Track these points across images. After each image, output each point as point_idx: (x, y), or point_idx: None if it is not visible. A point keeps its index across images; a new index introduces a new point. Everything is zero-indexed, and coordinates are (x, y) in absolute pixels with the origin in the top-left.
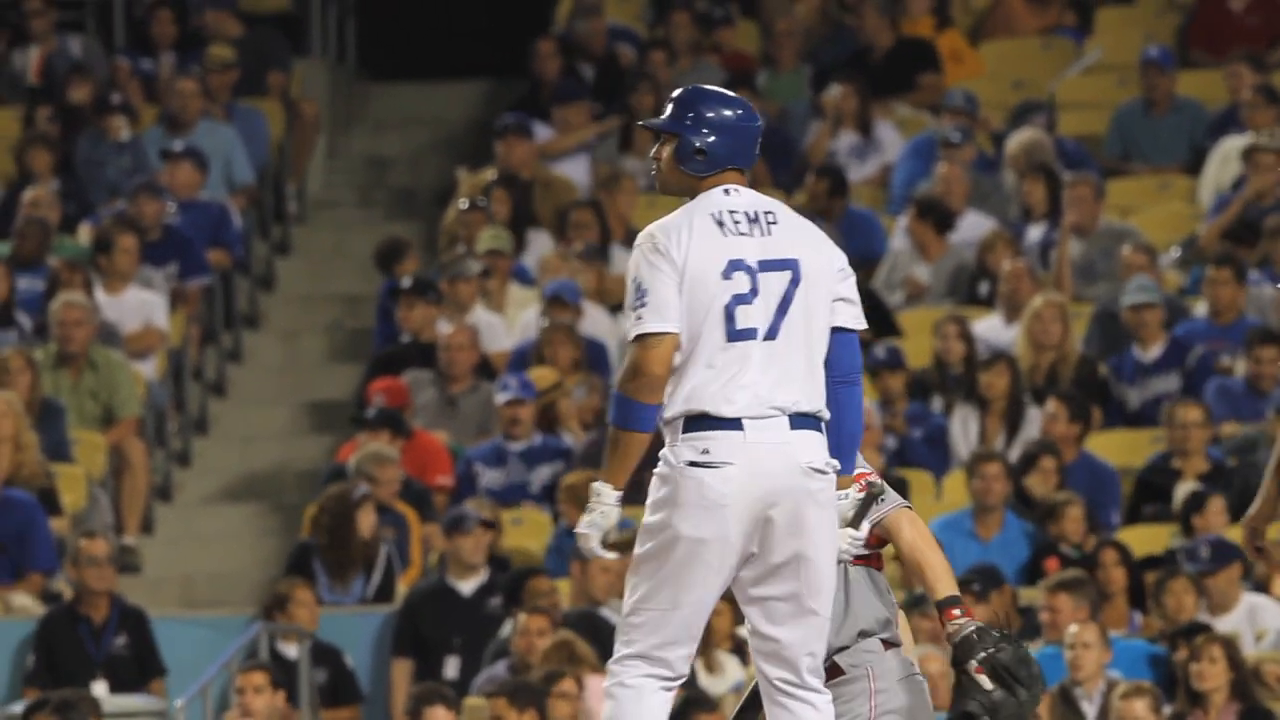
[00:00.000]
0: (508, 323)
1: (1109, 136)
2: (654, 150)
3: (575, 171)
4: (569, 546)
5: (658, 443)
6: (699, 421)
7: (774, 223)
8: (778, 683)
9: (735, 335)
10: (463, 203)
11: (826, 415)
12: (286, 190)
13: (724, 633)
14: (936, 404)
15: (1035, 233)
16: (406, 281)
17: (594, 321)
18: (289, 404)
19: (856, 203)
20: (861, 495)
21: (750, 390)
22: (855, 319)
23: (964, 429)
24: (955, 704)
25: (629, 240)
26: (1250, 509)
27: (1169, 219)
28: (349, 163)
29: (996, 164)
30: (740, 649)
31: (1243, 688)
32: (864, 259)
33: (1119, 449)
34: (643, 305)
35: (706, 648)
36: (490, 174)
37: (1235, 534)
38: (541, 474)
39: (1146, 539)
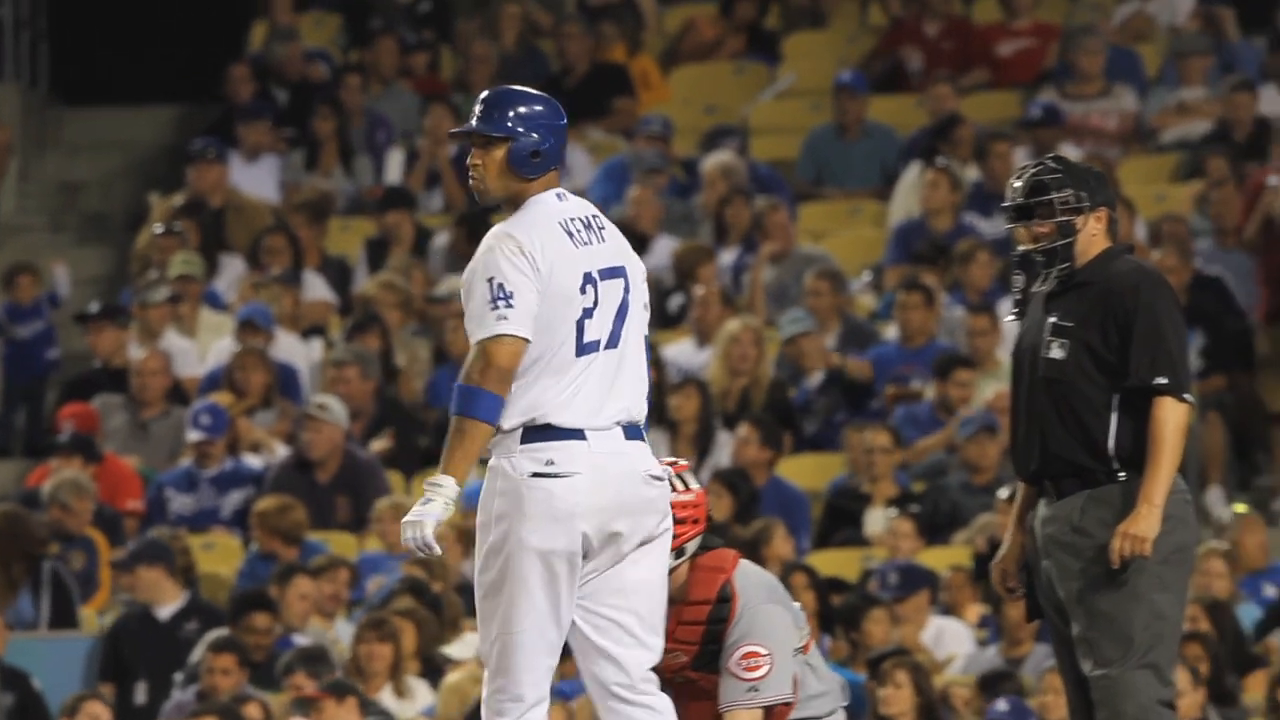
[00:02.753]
0: (200, 348)
1: (801, 161)
2: (472, 156)
3: (264, 190)
4: (264, 572)
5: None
6: (541, 432)
7: (603, 228)
8: (614, 688)
9: (582, 349)
10: (156, 227)
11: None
12: None
13: (410, 653)
14: None
15: (728, 257)
16: (94, 306)
17: (286, 347)
18: None
19: None
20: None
21: (591, 400)
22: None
23: (654, 453)
24: None
25: (323, 266)
26: (999, 551)
27: (860, 243)
28: (41, 187)
29: (689, 189)
30: (431, 672)
31: (930, 712)
32: None
33: (808, 473)
34: (509, 306)
35: (396, 672)
36: (181, 198)
37: (928, 558)
38: (233, 499)
39: (836, 563)
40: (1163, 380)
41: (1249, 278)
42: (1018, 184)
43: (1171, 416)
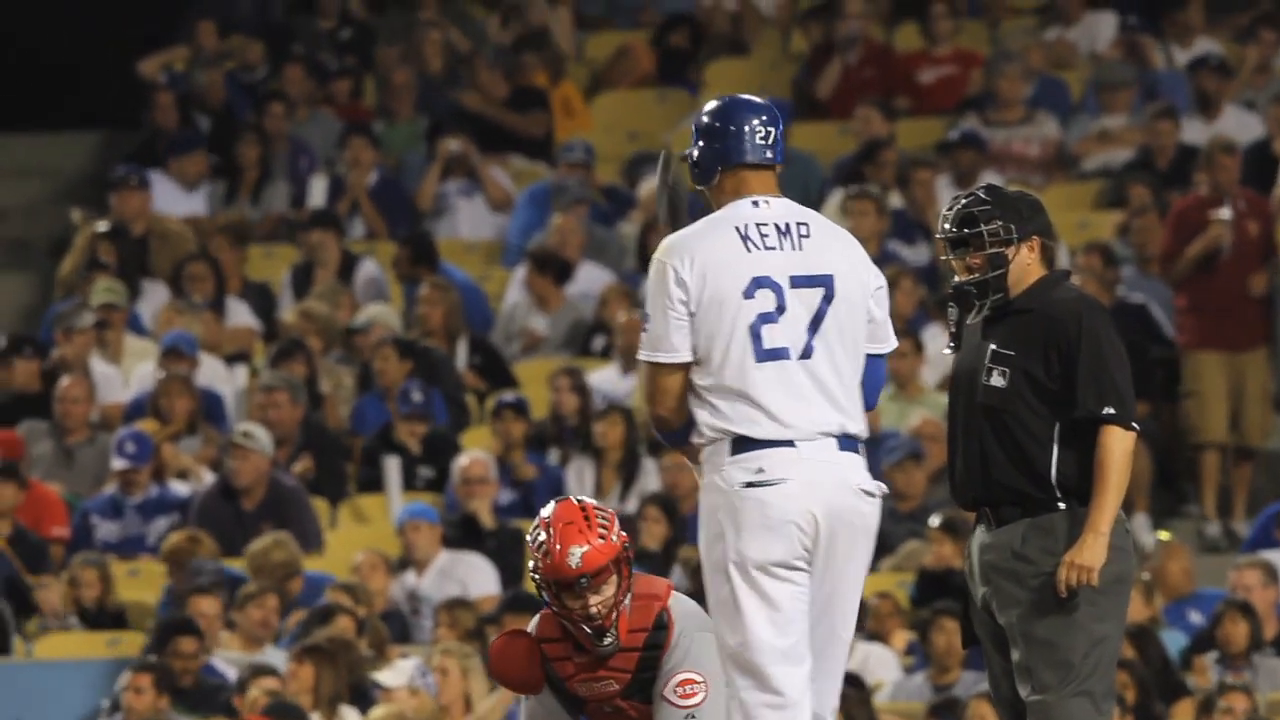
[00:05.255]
0: (124, 374)
1: None
2: None
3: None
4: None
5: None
6: (746, 443)
7: (806, 235)
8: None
9: (764, 355)
10: (81, 260)
11: (865, 437)
12: None
13: (340, 680)
14: (553, 455)
15: None
16: (1, 341)
17: (210, 373)
18: None
19: (470, 257)
20: None
21: (784, 411)
22: (886, 342)
23: (580, 480)
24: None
25: (245, 293)
26: None
27: None
28: None
29: (612, 216)
30: (361, 699)
31: None
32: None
33: None
34: (644, 330)
35: (330, 702)
36: (103, 224)
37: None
38: (159, 526)
39: None
40: (1110, 410)
41: (1172, 305)
42: (949, 215)
43: (1118, 446)
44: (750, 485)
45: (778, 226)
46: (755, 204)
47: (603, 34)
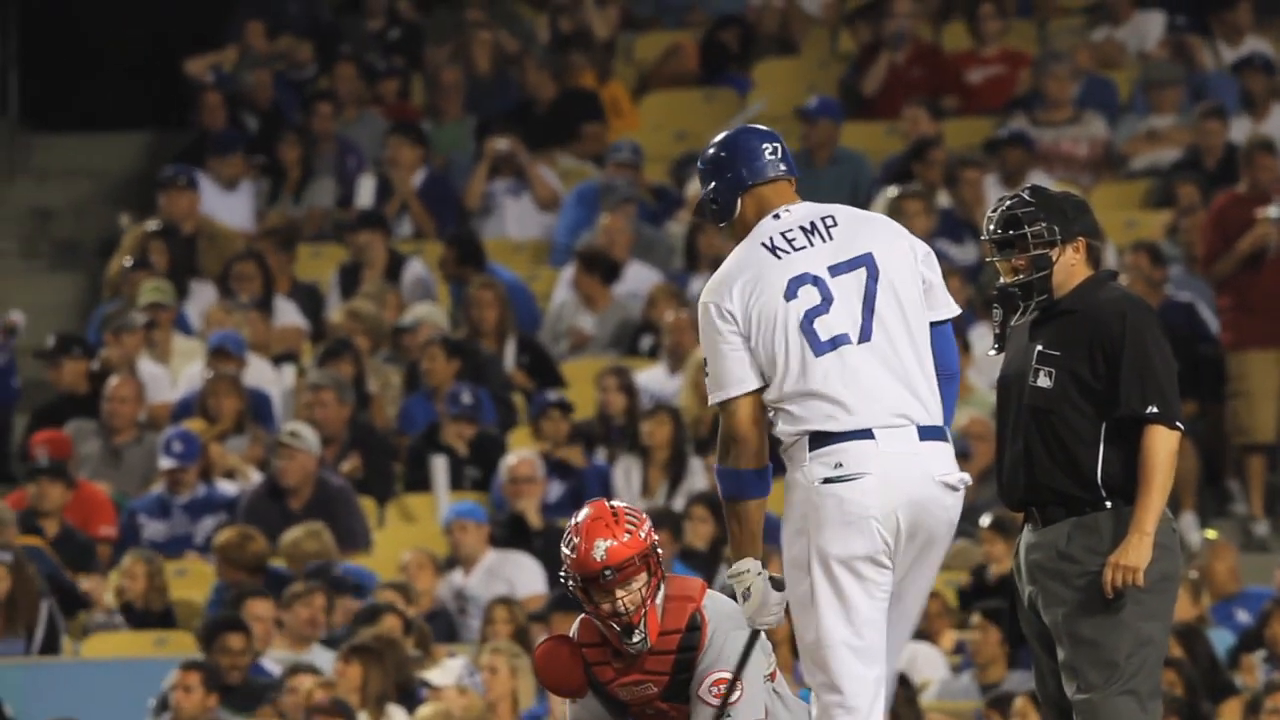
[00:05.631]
0: (172, 374)
1: None
2: None
3: (238, 219)
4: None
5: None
6: (824, 437)
7: (833, 225)
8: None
9: (822, 347)
10: (127, 260)
11: (945, 424)
12: None
13: (388, 679)
14: (600, 455)
15: (699, 284)
16: (51, 341)
17: (258, 373)
18: None
19: (518, 257)
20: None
21: (863, 398)
22: (947, 307)
23: (627, 480)
24: None
25: (293, 292)
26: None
27: None
28: (13, 213)
29: (660, 215)
30: (407, 699)
31: None
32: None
33: (781, 499)
34: (708, 375)
35: (378, 701)
36: (152, 224)
37: None
38: (205, 525)
39: None
40: (1154, 409)
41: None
42: (993, 217)
43: (1163, 446)
44: (829, 481)
45: (803, 228)
46: (777, 216)
47: (651, 34)
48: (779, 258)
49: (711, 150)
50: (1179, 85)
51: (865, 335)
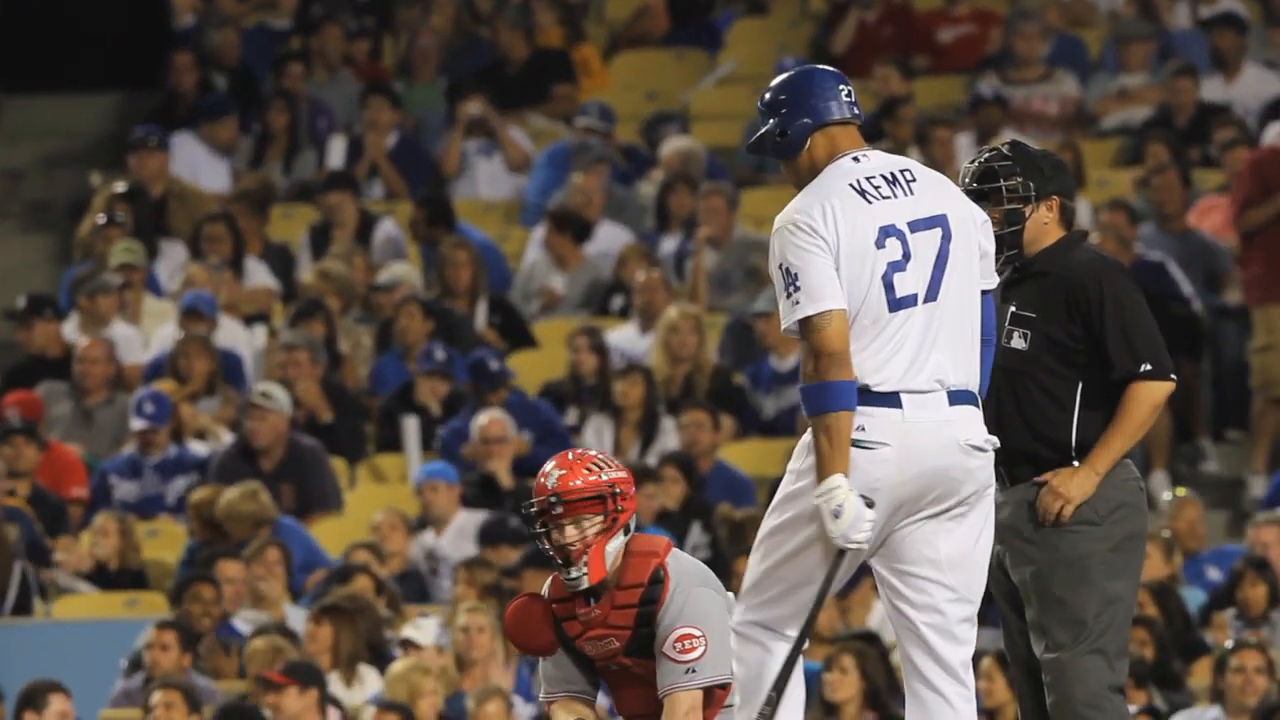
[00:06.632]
0: (143, 335)
1: (742, 147)
2: None
3: (217, 182)
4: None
5: None
6: (860, 393)
7: (913, 180)
8: (925, 672)
9: (896, 305)
10: (100, 217)
11: (980, 389)
12: None
13: (359, 639)
14: (571, 415)
15: (670, 244)
16: (22, 303)
17: (229, 333)
18: None
19: (489, 217)
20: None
21: (907, 358)
22: (992, 276)
23: (599, 439)
24: None
25: (265, 253)
26: None
27: None
28: None
29: (630, 175)
30: (379, 659)
31: (876, 697)
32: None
33: (754, 458)
34: (797, 289)
35: (349, 661)
36: (119, 186)
37: None
38: (177, 486)
39: None
40: (1148, 366)
41: (1193, 262)
42: (970, 169)
43: (1149, 398)
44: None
45: (885, 176)
46: (856, 159)
47: None
48: (869, 202)
49: (783, 83)
50: (1148, 41)
51: (932, 295)
